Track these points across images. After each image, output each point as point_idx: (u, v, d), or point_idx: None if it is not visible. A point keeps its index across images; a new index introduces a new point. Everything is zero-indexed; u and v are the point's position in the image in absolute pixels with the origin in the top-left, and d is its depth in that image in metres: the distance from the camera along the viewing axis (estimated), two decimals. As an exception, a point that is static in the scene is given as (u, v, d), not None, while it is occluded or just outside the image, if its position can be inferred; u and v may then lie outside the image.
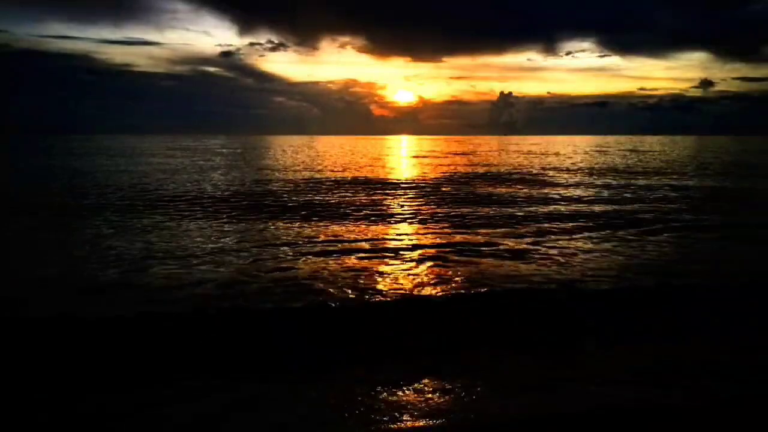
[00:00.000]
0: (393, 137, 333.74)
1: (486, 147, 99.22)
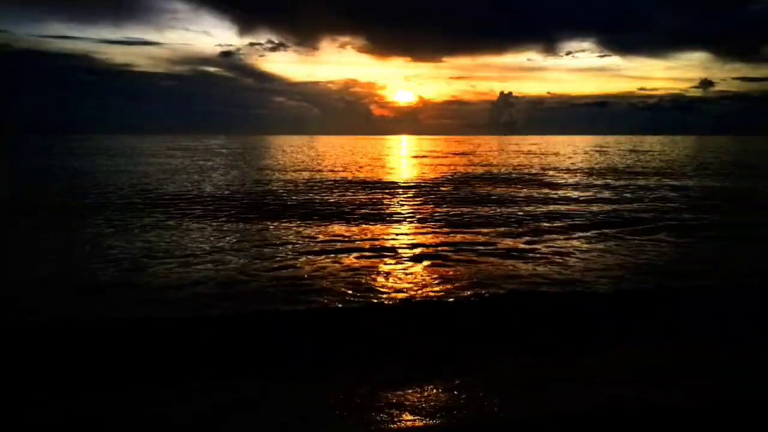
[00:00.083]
0: (393, 137, 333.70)
1: (486, 147, 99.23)
